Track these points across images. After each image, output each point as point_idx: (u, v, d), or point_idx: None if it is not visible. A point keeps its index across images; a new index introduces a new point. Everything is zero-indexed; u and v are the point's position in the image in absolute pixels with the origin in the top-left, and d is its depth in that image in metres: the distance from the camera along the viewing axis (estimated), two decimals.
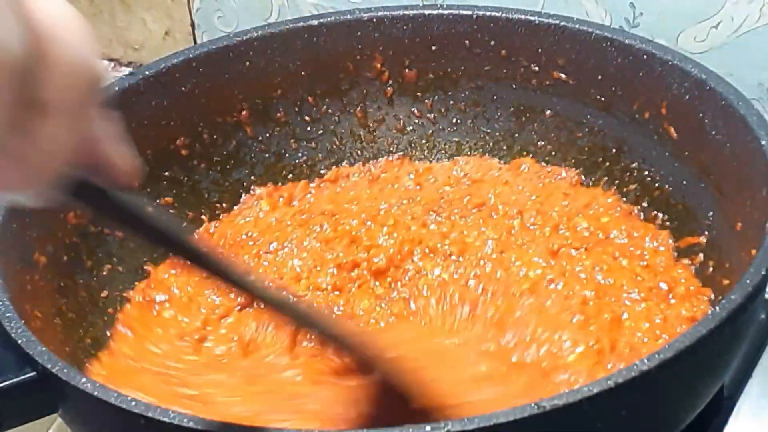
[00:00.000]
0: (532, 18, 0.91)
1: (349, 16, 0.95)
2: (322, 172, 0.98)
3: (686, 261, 0.83)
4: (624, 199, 0.90)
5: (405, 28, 0.95)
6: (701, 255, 0.82)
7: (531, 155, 0.96)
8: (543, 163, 0.95)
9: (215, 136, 0.94)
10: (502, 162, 0.97)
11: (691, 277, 0.82)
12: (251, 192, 0.95)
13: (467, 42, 0.94)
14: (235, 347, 0.79)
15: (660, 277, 0.81)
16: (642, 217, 0.88)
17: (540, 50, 0.92)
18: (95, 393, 0.61)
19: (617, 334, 0.76)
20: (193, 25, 1.27)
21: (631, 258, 0.83)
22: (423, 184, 0.95)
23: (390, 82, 0.97)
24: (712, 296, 0.79)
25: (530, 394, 0.68)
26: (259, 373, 0.75)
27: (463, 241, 0.86)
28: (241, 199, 0.95)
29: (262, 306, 0.65)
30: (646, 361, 0.59)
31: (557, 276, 0.81)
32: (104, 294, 0.84)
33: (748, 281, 0.64)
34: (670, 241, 0.85)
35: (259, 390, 0.73)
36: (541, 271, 0.82)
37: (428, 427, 0.57)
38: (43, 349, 0.65)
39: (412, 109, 0.99)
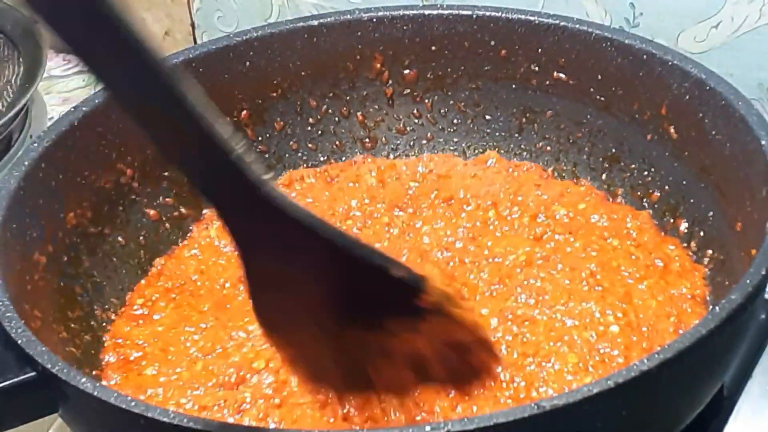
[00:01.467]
0: (532, 18, 0.91)
1: (349, 16, 0.95)
2: (321, 170, 0.98)
3: (679, 228, 0.85)
4: (604, 182, 0.91)
5: (405, 28, 0.95)
6: (692, 242, 0.84)
7: (530, 155, 0.96)
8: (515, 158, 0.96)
9: None
10: (468, 158, 0.97)
11: (683, 254, 0.83)
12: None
13: (467, 42, 0.94)
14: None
15: (654, 255, 0.82)
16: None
17: (540, 50, 0.92)
18: (95, 393, 0.61)
19: (632, 309, 0.76)
20: (193, 25, 1.27)
21: (620, 238, 0.84)
22: (386, 181, 0.94)
23: (390, 82, 0.97)
24: (707, 273, 0.80)
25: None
26: None
27: (436, 233, 0.86)
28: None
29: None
30: (646, 361, 0.59)
31: (550, 253, 0.82)
32: (104, 294, 0.85)
33: (748, 281, 0.64)
34: (654, 220, 0.87)
35: None
36: (530, 249, 0.83)
37: (428, 428, 0.57)
38: (43, 349, 0.65)
39: (412, 110, 0.99)
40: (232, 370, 0.74)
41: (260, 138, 0.96)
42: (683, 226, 0.85)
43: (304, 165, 0.97)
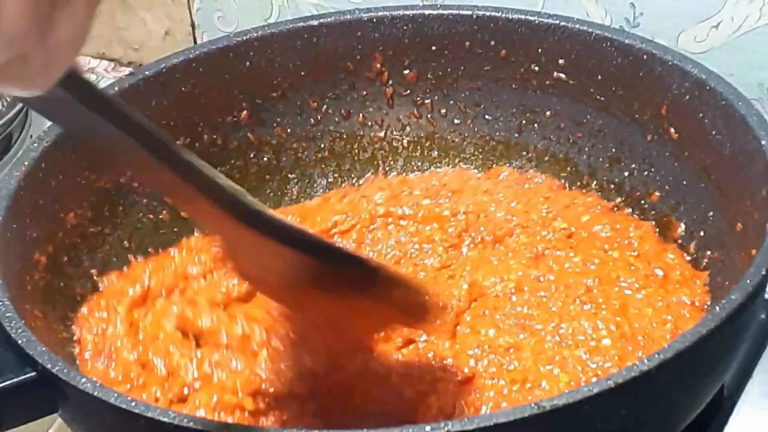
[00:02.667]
0: (532, 18, 0.91)
1: (349, 16, 0.95)
2: (321, 171, 0.98)
3: (674, 245, 0.85)
4: (608, 199, 0.91)
5: (405, 28, 0.95)
6: (692, 243, 0.84)
7: (529, 155, 0.96)
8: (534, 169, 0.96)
9: (215, 136, 0.94)
10: (480, 171, 0.97)
11: (683, 263, 0.83)
12: None
13: (467, 42, 0.94)
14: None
15: (654, 264, 0.82)
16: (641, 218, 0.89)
17: (540, 50, 0.92)
18: (95, 393, 0.61)
19: (626, 321, 0.76)
20: (193, 25, 1.27)
21: (620, 249, 0.84)
22: (399, 196, 0.93)
23: (390, 82, 0.97)
24: (708, 280, 0.80)
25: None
26: None
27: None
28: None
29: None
30: (646, 361, 0.59)
31: (545, 273, 0.82)
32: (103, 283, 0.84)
33: (748, 281, 0.64)
34: (656, 229, 0.86)
35: None
36: (523, 273, 0.82)
37: (428, 427, 0.57)
38: (43, 349, 0.65)
39: (412, 110, 0.99)
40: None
41: (260, 138, 0.96)
42: (683, 227, 0.85)
43: (304, 165, 0.98)
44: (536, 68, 0.93)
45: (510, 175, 0.95)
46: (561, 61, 0.91)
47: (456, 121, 0.98)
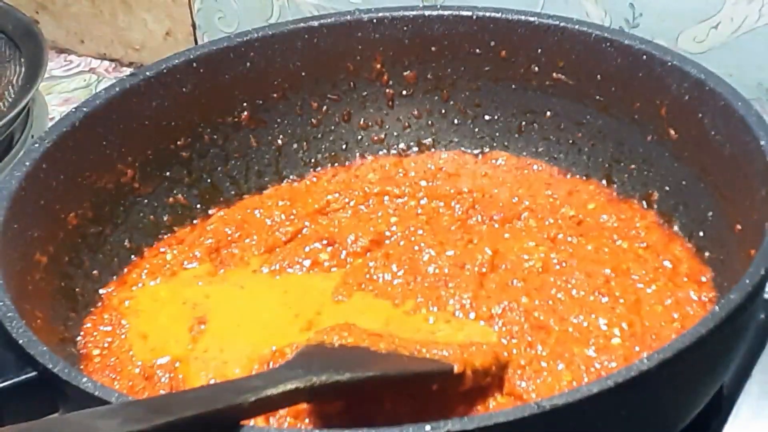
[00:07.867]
0: (532, 18, 0.91)
1: (349, 17, 0.95)
2: (322, 172, 0.98)
3: (675, 228, 0.85)
4: (604, 182, 0.91)
5: (405, 29, 0.95)
6: (692, 243, 0.84)
7: (530, 156, 0.96)
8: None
9: (215, 137, 0.94)
10: (478, 156, 0.97)
11: (690, 256, 0.83)
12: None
13: (467, 43, 0.94)
14: None
15: (662, 256, 0.82)
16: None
17: (540, 51, 0.92)
18: (96, 393, 0.61)
19: (639, 319, 0.76)
20: (194, 25, 1.27)
21: (629, 240, 0.84)
22: (395, 177, 0.94)
23: (390, 83, 0.98)
24: (712, 274, 0.80)
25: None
26: None
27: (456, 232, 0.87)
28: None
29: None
30: (646, 361, 0.59)
31: (567, 258, 0.82)
32: (104, 294, 0.85)
33: (747, 281, 0.64)
34: (660, 219, 0.86)
35: None
36: (545, 255, 0.82)
37: (428, 427, 0.57)
38: (44, 349, 0.65)
39: (412, 110, 0.99)
40: None
41: (261, 138, 0.96)
42: (683, 226, 0.85)
43: (305, 166, 0.98)
44: (536, 69, 0.93)
45: (508, 159, 0.95)
46: (561, 62, 0.91)
47: (456, 121, 0.98)
